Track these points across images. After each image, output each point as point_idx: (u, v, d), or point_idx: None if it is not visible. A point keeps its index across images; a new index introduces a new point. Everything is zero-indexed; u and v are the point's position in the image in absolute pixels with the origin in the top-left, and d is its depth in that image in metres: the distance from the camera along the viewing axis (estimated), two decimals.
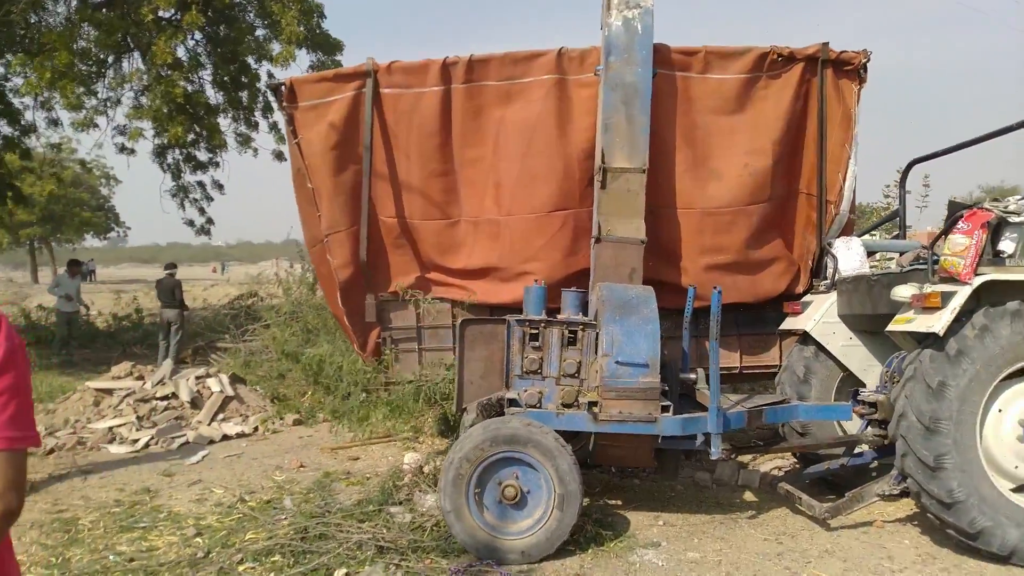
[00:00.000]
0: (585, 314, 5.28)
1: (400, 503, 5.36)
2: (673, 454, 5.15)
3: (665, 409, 4.66)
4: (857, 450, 5.39)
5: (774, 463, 6.49)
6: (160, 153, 16.34)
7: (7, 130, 16.05)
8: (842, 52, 6.13)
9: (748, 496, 5.85)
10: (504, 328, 4.90)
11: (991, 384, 4.25)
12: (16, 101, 14.99)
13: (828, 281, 6.05)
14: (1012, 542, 4.16)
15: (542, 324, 4.88)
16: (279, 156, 14.96)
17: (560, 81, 6.14)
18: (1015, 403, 4.35)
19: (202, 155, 16.67)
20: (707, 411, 4.72)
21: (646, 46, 5.70)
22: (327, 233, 6.47)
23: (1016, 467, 4.33)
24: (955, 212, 4.56)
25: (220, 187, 17.47)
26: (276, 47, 12.54)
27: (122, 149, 15.39)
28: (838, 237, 6.30)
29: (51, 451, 7.31)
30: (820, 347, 5.80)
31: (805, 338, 5.93)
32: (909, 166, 6.50)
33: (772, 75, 6.13)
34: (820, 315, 5.80)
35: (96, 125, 12.99)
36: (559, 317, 4.95)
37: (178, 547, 4.81)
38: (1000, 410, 4.34)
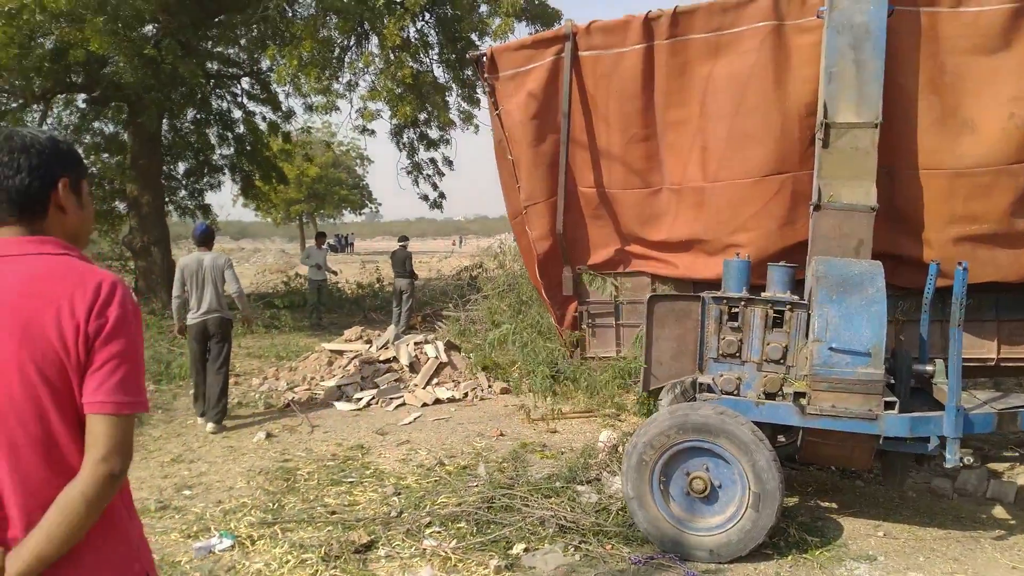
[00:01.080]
0: (799, 293, 4.68)
1: (588, 482, 5.19)
2: (900, 457, 4.42)
3: (890, 405, 3.98)
4: None
5: None
6: (397, 133, 17.51)
7: (271, 116, 18.20)
8: None
9: (998, 512, 4.90)
10: (699, 305, 4.48)
11: None
12: (278, 90, 16.92)
13: None
14: None
15: (742, 302, 4.38)
16: None
17: (777, 27, 5.45)
18: None
19: (433, 133, 17.61)
20: (944, 410, 3.96)
21: None
22: (525, 205, 6.40)
23: None
24: None
25: (450, 163, 18.36)
26: (496, 21, 12.71)
27: (363, 130, 16.72)
28: None
29: (287, 405, 8.11)
30: None
31: None
32: None
33: None
34: None
35: (338, 108, 14.11)
36: (763, 295, 4.42)
37: (376, 504, 5.06)
38: None
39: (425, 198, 18.55)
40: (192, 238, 7.77)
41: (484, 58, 6.26)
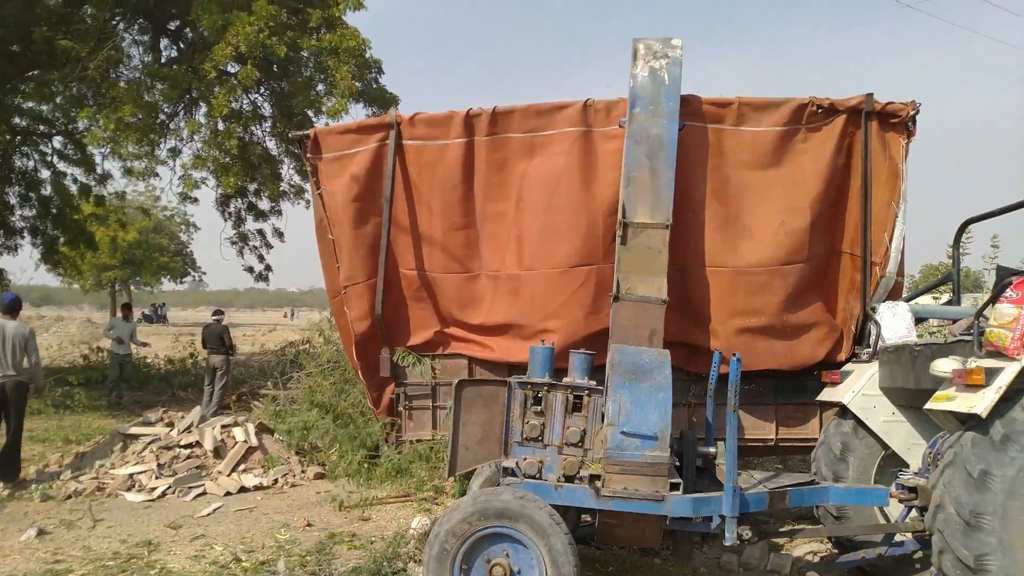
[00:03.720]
0: (601, 379, 4.94)
1: (395, 574, 5.04)
2: (687, 536, 4.69)
3: (675, 487, 4.24)
4: (899, 538, 4.82)
5: (809, 547, 5.90)
6: (223, 202, 16.90)
7: (83, 179, 16.95)
8: (888, 103, 5.75)
9: None
10: (505, 390, 4.60)
11: None
12: (95, 152, 15.84)
13: (871, 349, 5.55)
14: None
15: (545, 388, 4.55)
16: None
17: (585, 133, 5.94)
18: None
19: (263, 204, 17.17)
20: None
21: (673, 97, 5.46)
22: (345, 285, 6.37)
23: None
24: (1003, 278, 4.07)
25: (280, 235, 17.89)
26: (331, 100, 12.82)
27: (185, 198, 15.98)
28: (884, 301, 5.80)
29: (68, 497, 7.28)
30: (859, 422, 5.27)
31: (843, 411, 5.41)
32: (963, 226, 5.96)
33: (812, 128, 5.79)
34: (860, 387, 5.28)
35: (157, 175, 13.53)
36: (564, 381, 4.62)
37: None
38: None
39: (250, 270, 17.89)
40: None
41: (307, 139, 6.28)
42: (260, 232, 17.78)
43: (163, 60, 14.68)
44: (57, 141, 16.56)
